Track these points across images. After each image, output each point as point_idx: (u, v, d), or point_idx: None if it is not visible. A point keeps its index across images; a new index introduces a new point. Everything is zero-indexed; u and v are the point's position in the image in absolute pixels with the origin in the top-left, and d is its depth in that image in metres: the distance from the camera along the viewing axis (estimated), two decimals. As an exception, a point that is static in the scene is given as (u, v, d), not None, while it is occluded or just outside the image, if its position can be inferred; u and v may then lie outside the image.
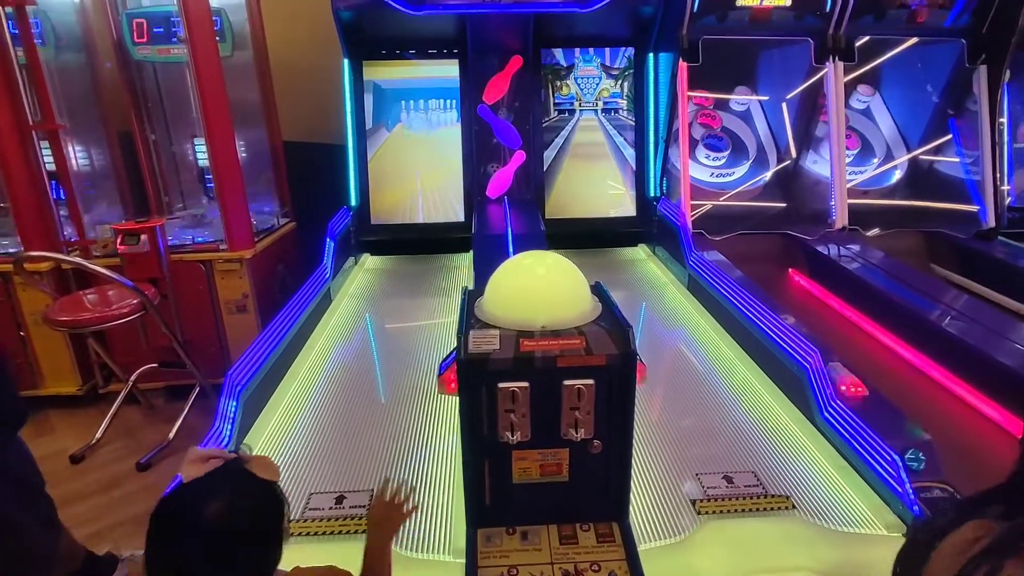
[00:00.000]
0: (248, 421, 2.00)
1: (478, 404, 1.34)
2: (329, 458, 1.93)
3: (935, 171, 3.87)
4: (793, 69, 3.71)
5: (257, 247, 3.34)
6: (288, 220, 4.01)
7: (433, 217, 3.92)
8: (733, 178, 3.91)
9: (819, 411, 1.95)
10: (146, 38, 3.51)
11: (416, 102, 3.88)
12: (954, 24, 3.57)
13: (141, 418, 3.30)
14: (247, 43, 3.77)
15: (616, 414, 1.37)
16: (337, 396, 2.35)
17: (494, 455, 1.38)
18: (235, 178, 3.17)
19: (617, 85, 3.92)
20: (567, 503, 1.44)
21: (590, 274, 3.54)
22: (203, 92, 2.95)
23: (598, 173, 3.97)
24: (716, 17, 3.36)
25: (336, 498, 1.73)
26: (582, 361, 1.32)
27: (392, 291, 3.39)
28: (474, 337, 1.34)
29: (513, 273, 1.45)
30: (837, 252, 3.32)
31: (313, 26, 3.86)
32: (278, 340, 2.25)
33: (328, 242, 3.13)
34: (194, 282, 3.24)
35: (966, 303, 2.69)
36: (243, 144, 4.01)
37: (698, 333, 2.79)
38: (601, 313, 1.44)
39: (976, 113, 3.61)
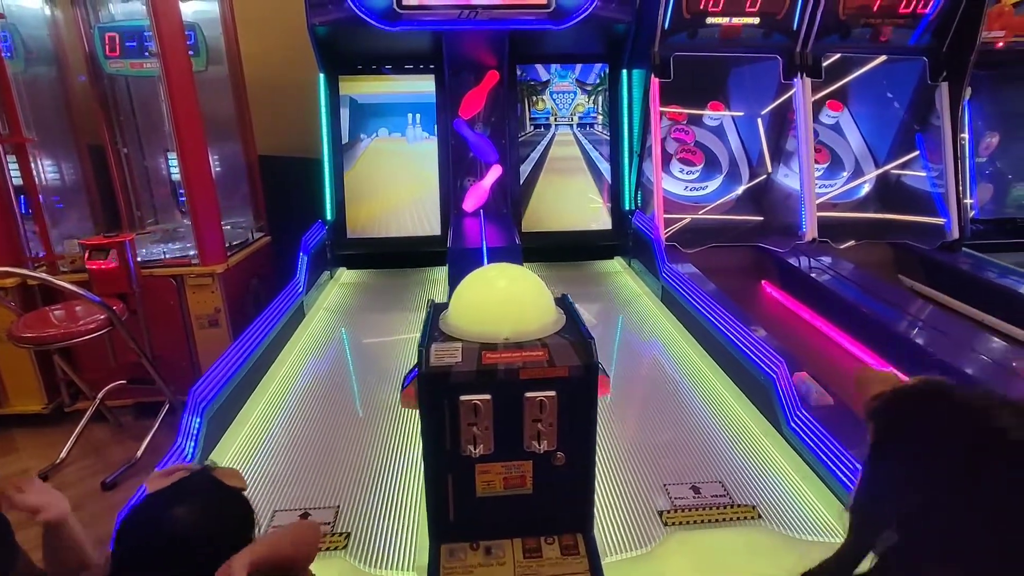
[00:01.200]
0: (213, 438, 1.97)
1: (440, 418, 1.33)
2: (295, 474, 1.90)
3: (902, 184, 3.97)
4: (763, 85, 3.79)
5: (230, 261, 3.31)
6: (263, 234, 3.99)
7: (409, 231, 3.92)
8: (706, 192, 3.97)
9: (786, 421, 1.97)
10: (118, 52, 3.50)
11: (392, 117, 3.89)
12: (917, 43, 3.68)
13: (109, 436, 3.24)
14: (222, 58, 3.77)
15: (578, 426, 1.37)
16: (307, 411, 2.32)
17: (457, 469, 1.37)
18: (207, 192, 3.15)
19: (591, 100, 3.97)
20: (531, 516, 1.44)
21: (566, 286, 3.55)
22: (175, 106, 2.93)
23: (574, 187, 4.01)
24: (687, 34, 3.43)
25: (300, 515, 1.71)
26: (544, 373, 1.33)
27: (368, 305, 3.38)
28: (436, 350, 1.34)
29: (477, 286, 1.46)
30: (808, 264, 3.38)
31: (289, 41, 3.86)
32: (246, 355, 2.23)
33: (301, 256, 3.11)
34: (165, 297, 3.20)
35: (930, 314, 2.75)
36: (217, 158, 4.00)
37: (670, 344, 2.81)
38: (565, 325, 1.45)
39: (940, 128, 3.71)
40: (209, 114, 3.92)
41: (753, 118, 3.95)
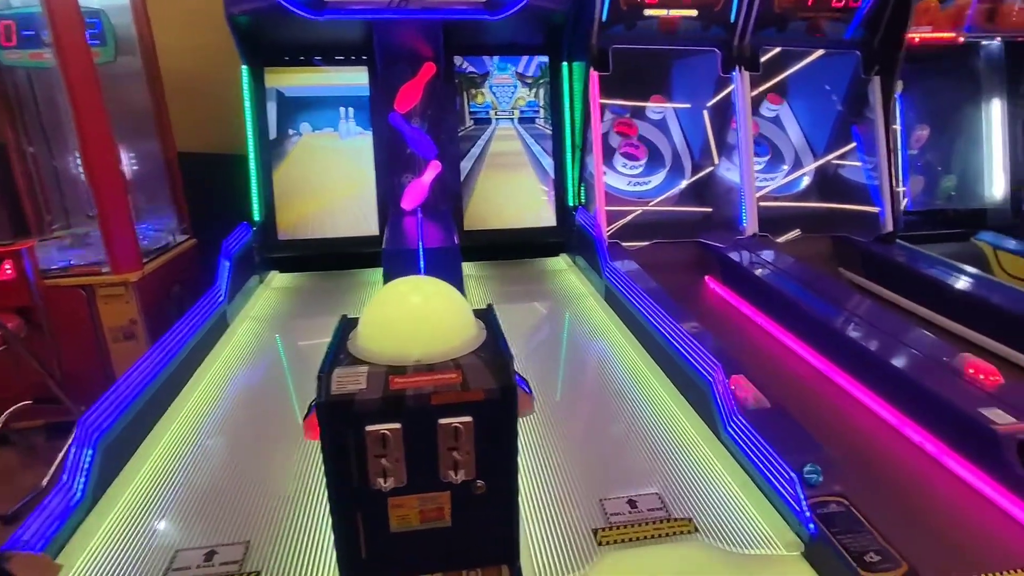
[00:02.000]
0: (112, 471, 1.79)
1: (344, 450, 1.21)
2: (204, 507, 1.75)
3: (841, 177, 4.02)
4: (704, 79, 3.77)
5: (146, 268, 3.08)
6: (187, 237, 3.74)
7: (345, 231, 3.74)
8: (650, 187, 3.93)
9: (723, 426, 1.92)
10: (15, 41, 3.19)
11: (324, 111, 3.70)
12: (851, 36, 3.71)
13: (16, 460, 2.98)
14: (134, 48, 3.50)
15: (498, 451, 1.27)
16: (225, 434, 2.15)
17: (367, 504, 1.25)
18: (117, 194, 2.91)
19: (533, 94, 3.87)
20: (452, 549, 1.33)
21: (510, 285, 3.41)
22: (75, 99, 2.69)
23: (516, 183, 3.91)
24: (625, 26, 3.36)
25: (206, 554, 1.56)
26: (458, 397, 1.22)
27: (299, 311, 3.20)
28: (338, 376, 1.21)
29: (385, 303, 1.34)
30: (750, 258, 3.37)
31: (208, 31, 3.61)
32: (151, 376, 2.04)
33: (223, 262, 2.91)
34: (74, 309, 2.96)
35: (866, 307, 2.76)
36: (133, 156, 3.73)
37: (613, 346, 2.75)
38: (484, 342, 1.34)
39: (874, 121, 3.77)
40: (123, 109, 3.66)
41: (695, 112, 3.93)
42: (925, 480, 1.93)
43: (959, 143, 4.14)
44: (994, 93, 4.03)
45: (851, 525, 1.53)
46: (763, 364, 2.60)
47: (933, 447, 2.01)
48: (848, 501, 1.62)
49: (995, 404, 1.93)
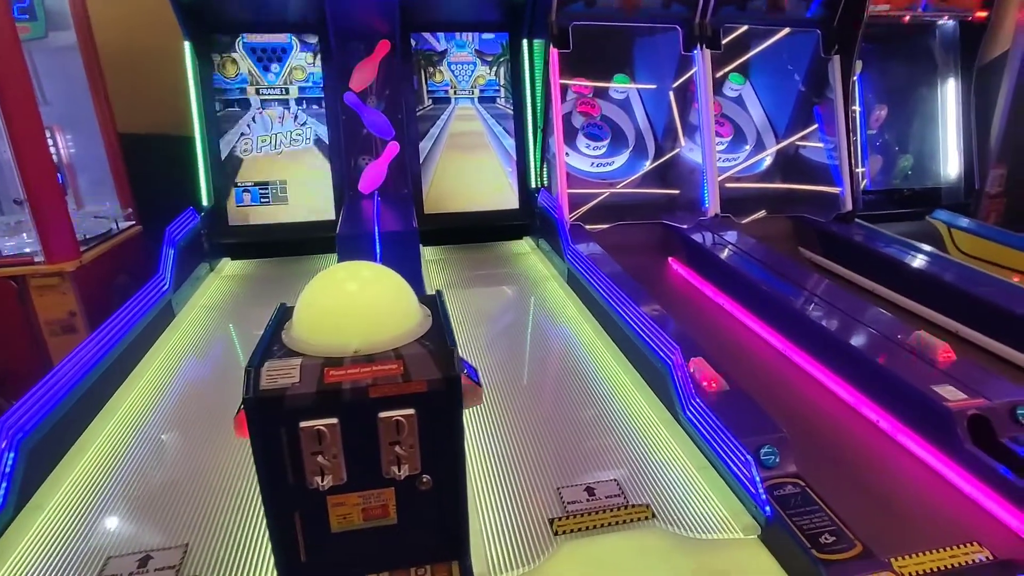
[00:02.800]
0: (39, 474, 1.68)
1: (277, 449, 1.13)
2: (141, 509, 1.65)
3: (802, 157, 4.04)
4: (667, 57, 3.71)
5: (85, 257, 2.91)
6: (132, 224, 3.56)
7: (300, 216, 3.61)
8: (613, 167, 3.88)
9: (682, 410, 1.90)
10: (-71, 13, 2.94)
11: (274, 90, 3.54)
12: (812, 15, 3.70)
13: (-54, 464, 2.80)
14: (67, 22, 3.28)
15: (443, 444, 1.21)
16: (166, 429, 2.05)
17: (304, 504, 1.18)
18: (47, 179, 2.73)
19: (493, 72, 3.77)
20: (399, 547, 1.27)
21: (471, 269, 3.33)
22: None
23: (478, 164, 3.81)
24: (584, 3, 3.28)
25: (140, 560, 1.47)
26: (399, 389, 1.15)
27: (252, 299, 3.08)
28: (268, 370, 1.13)
29: (322, 290, 1.25)
30: (712, 240, 3.36)
31: (148, 4, 3.41)
32: (85, 370, 1.92)
33: (167, 249, 2.77)
34: (4, 301, 2.78)
35: (825, 287, 2.77)
36: (70, 138, 3.52)
37: (575, 330, 2.70)
38: (429, 331, 1.28)
39: (834, 101, 3.77)
40: (57, 88, 3.45)
41: (658, 91, 3.88)
42: (880, 458, 1.95)
43: (916, 123, 4.19)
44: (949, 73, 4.08)
45: (806, 506, 1.52)
46: (724, 346, 2.60)
47: (888, 424, 2.03)
48: (804, 482, 1.61)
49: (947, 381, 1.95)
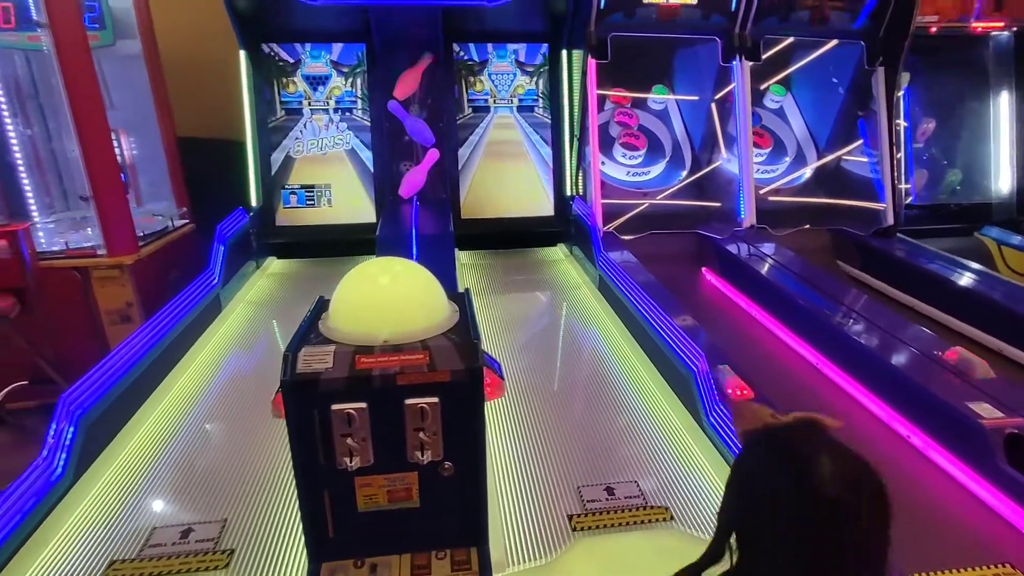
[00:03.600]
0: (95, 448, 1.81)
1: (310, 429, 1.21)
2: (185, 485, 1.76)
3: (843, 170, 3.97)
4: (706, 68, 3.72)
5: (142, 252, 3.09)
6: (186, 222, 3.76)
7: (343, 218, 3.75)
8: (649, 177, 3.90)
9: (705, 416, 1.91)
10: (13, 24, 3.20)
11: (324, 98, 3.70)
12: (857, 26, 3.65)
13: (8, 441, 3.00)
14: (133, 31, 3.50)
15: (465, 433, 1.27)
16: (211, 414, 2.17)
17: (334, 483, 1.26)
18: (111, 178, 2.93)
19: (532, 82, 3.84)
20: (420, 530, 1.33)
21: (506, 274, 3.39)
22: (69, 83, 2.70)
23: (514, 172, 3.89)
24: (623, 14, 3.33)
25: (182, 531, 1.57)
26: (424, 378, 1.21)
27: (293, 297, 3.21)
28: (305, 355, 1.21)
29: (356, 283, 1.33)
30: (747, 251, 3.34)
31: (208, 14, 3.61)
32: (137, 356, 2.06)
33: (217, 246, 2.92)
34: (68, 291, 2.97)
35: (860, 301, 2.73)
36: (133, 140, 3.75)
37: (605, 335, 2.73)
38: (456, 325, 1.34)
39: (877, 113, 3.70)
40: (124, 93, 3.68)
41: (696, 102, 3.88)
42: (909, 474, 1.91)
43: (965, 136, 4.07)
44: (1002, 86, 3.95)
45: (827, 516, 1.52)
46: (754, 356, 2.58)
47: (920, 440, 1.99)
48: (826, 492, 1.60)
49: (984, 399, 1.90)
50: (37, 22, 2.69)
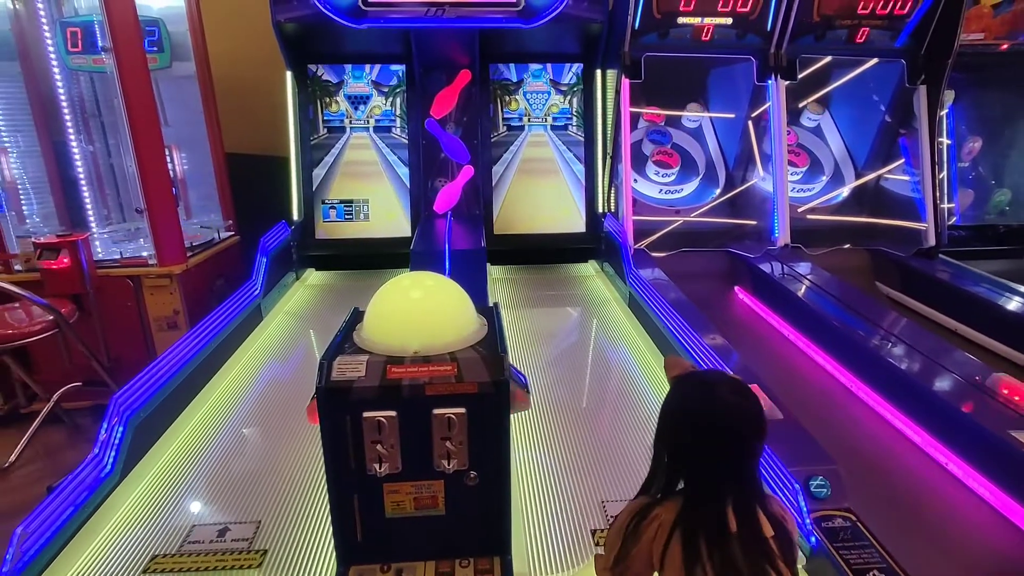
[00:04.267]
0: (141, 448, 1.90)
1: (342, 435, 1.27)
2: (223, 486, 1.84)
3: (883, 189, 3.89)
4: (741, 87, 3.72)
5: (190, 262, 3.24)
6: (232, 234, 3.92)
7: (379, 232, 3.86)
8: (682, 195, 3.90)
9: (733, 436, 1.89)
10: (80, 47, 3.43)
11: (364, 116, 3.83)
12: (896, 45, 3.60)
13: (64, 439, 3.17)
14: (188, 54, 3.70)
15: (490, 444, 1.31)
16: (250, 419, 2.26)
17: (363, 488, 1.31)
18: (164, 191, 3.09)
19: (566, 101, 3.90)
20: (445, 537, 1.37)
21: (537, 290, 3.44)
22: (129, 102, 2.87)
23: (547, 189, 3.94)
24: (658, 35, 3.36)
25: (219, 530, 1.64)
26: (452, 389, 1.26)
27: (329, 308, 3.31)
28: (339, 363, 1.27)
29: (388, 296, 1.39)
30: (781, 270, 3.30)
31: (257, 37, 3.79)
32: (183, 361, 2.16)
33: (260, 258, 3.05)
34: (122, 298, 3.14)
35: (899, 323, 2.67)
36: (185, 156, 3.94)
37: (634, 352, 2.74)
38: (484, 338, 1.38)
39: (919, 132, 3.63)
40: (178, 112, 3.88)
41: (731, 120, 3.88)
42: (947, 502, 1.86)
43: (1014, 155, 3.95)
44: (1053, 104, 3.83)
45: (856, 541, 1.50)
46: (787, 377, 2.55)
47: (959, 468, 1.93)
48: (856, 517, 1.58)
49: (1028, 427, 1.85)
50: (102, 46, 2.88)
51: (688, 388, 1.10)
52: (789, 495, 1.58)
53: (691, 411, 1.05)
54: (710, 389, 1.06)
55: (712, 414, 1.02)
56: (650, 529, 1.03)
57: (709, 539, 0.98)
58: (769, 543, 1.00)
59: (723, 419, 1.02)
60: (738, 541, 0.97)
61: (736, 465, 1.02)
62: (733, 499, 1.00)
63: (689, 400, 1.07)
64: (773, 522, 1.02)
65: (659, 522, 1.02)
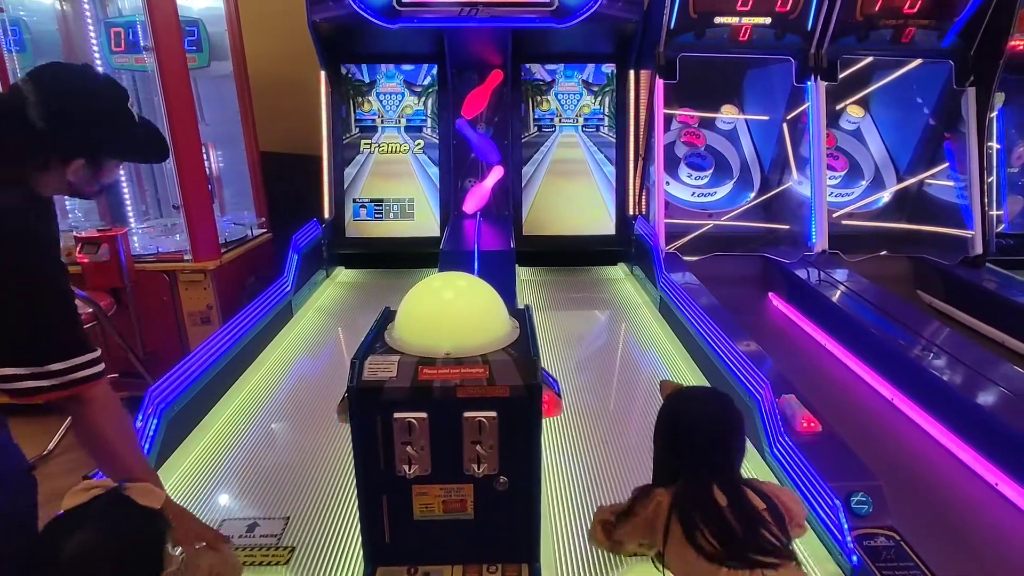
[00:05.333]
0: (173, 441, 1.93)
1: (372, 435, 1.26)
2: (253, 481, 1.85)
3: (925, 194, 3.77)
4: (779, 88, 3.63)
5: (224, 258, 3.30)
6: (264, 231, 3.97)
7: (409, 231, 3.87)
8: (715, 198, 3.82)
9: (768, 447, 1.84)
10: (123, 47, 3.52)
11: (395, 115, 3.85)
12: (943, 45, 3.47)
13: (100, 429, 3.24)
14: (226, 53, 3.77)
15: (521, 449, 1.28)
16: (281, 415, 2.28)
17: (392, 489, 1.30)
18: (200, 188, 3.14)
19: (598, 101, 3.86)
20: (473, 542, 1.35)
21: (566, 292, 3.42)
22: (168, 100, 2.93)
23: (577, 190, 3.91)
24: (694, 34, 3.30)
25: (248, 525, 1.65)
26: (483, 392, 1.24)
27: (358, 306, 3.33)
28: (371, 363, 1.26)
29: (420, 297, 1.38)
30: (818, 276, 3.21)
31: (293, 37, 3.84)
32: (216, 356, 2.19)
33: (291, 255, 3.08)
34: (158, 292, 3.20)
35: (944, 334, 2.57)
36: (220, 154, 4.01)
37: (665, 358, 2.69)
38: (516, 341, 1.36)
39: (966, 136, 3.50)
40: (215, 110, 3.95)
41: (767, 122, 3.79)
42: (996, 524, 1.77)
43: (1068, 162, 3.78)
44: (1111, 107, 3.65)
45: (900, 561, 1.44)
46: (823, 388, 2.47)
47: (1010, 489, 1.85)
48: (899, 535, 1.52)
49: (1083, 446, 1.75)
50: (144, 46, 2.95)
51: (677, 401, 1.32)
52: (829, 511, 1.52)
53: (677, 419, 1.29)
54: (693, 401, 1.32)
55: (693, 420, 1.26)
56: (651, 505, 1.22)
57: (703, 513, 1.14)
58: (761, 513, 1.15)
59: (702, 423, 1.25)
60: (730, 511, 1.14)
61: (717, 458, 1.22)
62: (717, 483, 1.17)
63: (676, 412, 1.30)
64: (763, 498, 1.18)
65: (657, 501, 1.22)
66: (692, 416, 1.27)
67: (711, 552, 1.09)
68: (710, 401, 1.30)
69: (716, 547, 1.10)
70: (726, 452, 1.23)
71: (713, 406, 1.28)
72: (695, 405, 1.30)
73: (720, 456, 1.22)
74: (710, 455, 1.21)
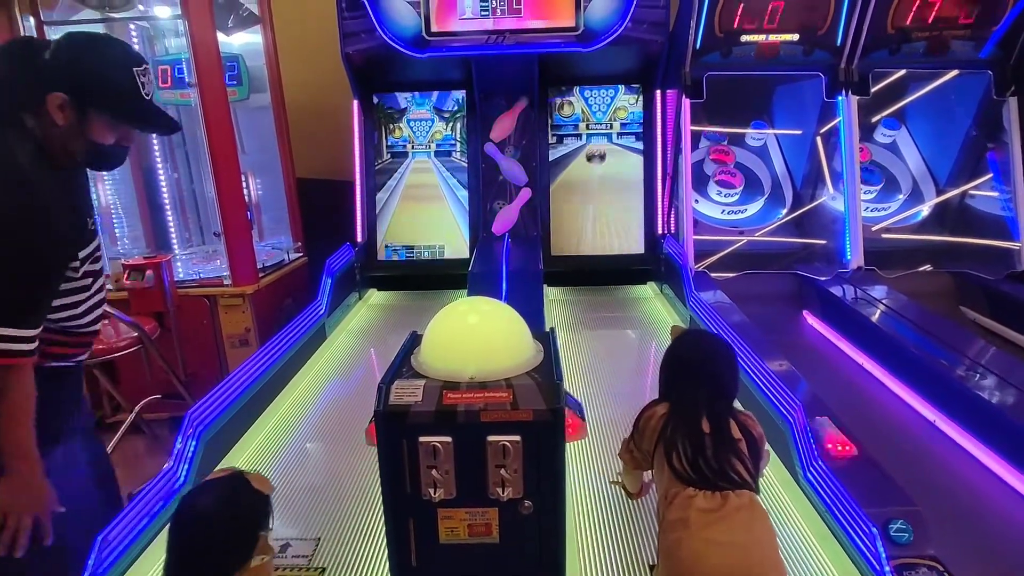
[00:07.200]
0: (211, 462, 1.99)
1: (398, 459, 1.28)
2: (285, 502, 1.90)
3: (969, 207, 3.65)
4: (810, 104, 3.59)
5: (262, 283, 3.41)
6: (300, 256, 4.09)
7: (440, 254, 3.93)
8: (746, 215, 3.78)
9: (802, 471, 1.80)
10: (169, 83, 3.71)
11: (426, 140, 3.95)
12: (980, 56, 3.39)
13: (144, 448, 3.36)
14: (264, 86, 3.93)
15: (546, 473, 1.29)
16: (314, 436, 2.33)
17: (418, 513, 1.32)
18: (239, 215, 3.27)
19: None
20: (499, 566, 1.36)
21: (595, 312, 3.45)
22: (210, 132, 3.07)
23: (606, 209, 3.91)
24: (720, 53, 3.30)
25: (281, 546, 1.69)
26: (507, 416, 1.25)
27: (390, 327, 3.39)
28: (397, 388, 1.30)
29: (445, 322, 1.41)
30: (854, 294, 3.14)
31: (327, 68, 3.99)
32: (253, 378, 2.26)
33: (325, 279, 3.16)
34: (199, 316, 3.32)
35: (990, 353, 2.47)
36: (259, 182, 4.16)
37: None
38: (540, 365, 1.37)
39: (1009, 146, 3.39)
40: (254, 140, 4.12)
41: (798, 137, 3.75)
42: (1048, 553, 1.69)
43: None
44: None
45: (942, 593, 1.38)
46: (860, 409, 2.41)
47: (1061, 517, 1.76)
48: (943, 566, 1.46)
49: None
50: (189, 82, 3.11)
51: (678, 340, 1.57)
52: (865, 539, 1.48)
53: (679, 352, 1.52)
54: (690, 340, 1.60)
55: (691, 353, 1.50)
56: (653, 419, 1.44)
57: (685, 436, 1.32)
58: (736, 444, 1.32)
59: (696, 357, 1.47)
60: (710, 438, 1.31)
61: (710, 387, 1.39)
62: (707, 410, 1.34)
63: (679, 346, 1.54)
64: (742, 428, 1.35)
65: (654, 411, 1.45)
66: (688, 351, 1.51)
67: (681, 473, 1.29)
68: (704, 340, 1.62)
69: (687, 470, 1.29)
70: (716, 384, 1.40)
71: (705, 343, 1.55)
72: (691, 343, 1.56)
73: (710, 387, 1.39)
74: (702, 386, 1.39)
